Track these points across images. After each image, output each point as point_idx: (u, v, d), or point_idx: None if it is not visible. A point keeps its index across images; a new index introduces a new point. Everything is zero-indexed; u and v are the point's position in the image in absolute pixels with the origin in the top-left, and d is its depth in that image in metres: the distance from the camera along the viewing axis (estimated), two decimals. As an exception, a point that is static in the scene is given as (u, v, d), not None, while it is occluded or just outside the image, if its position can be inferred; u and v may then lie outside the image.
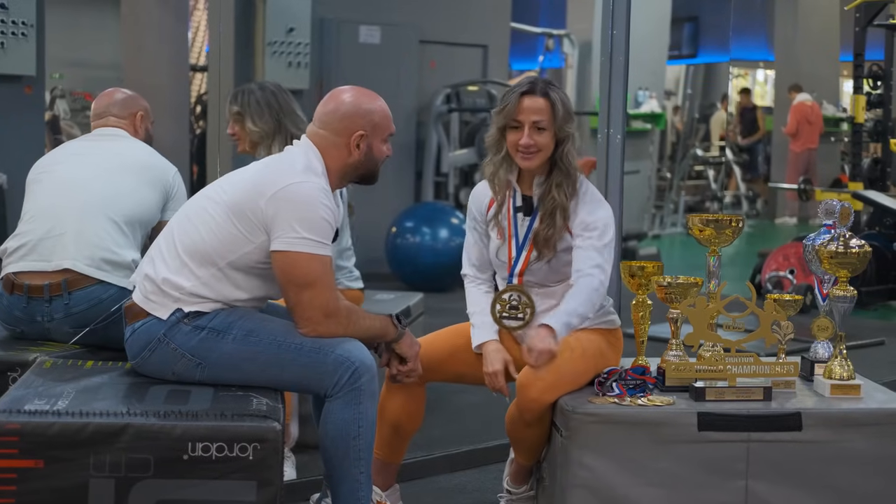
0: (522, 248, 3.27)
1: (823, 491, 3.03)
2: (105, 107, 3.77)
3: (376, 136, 3.06)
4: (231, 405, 2.74)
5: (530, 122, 3.18)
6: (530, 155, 3.20)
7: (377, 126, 3.05)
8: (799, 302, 3.36)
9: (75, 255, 3.41)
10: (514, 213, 3.29)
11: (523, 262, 3.26)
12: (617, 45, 4.50)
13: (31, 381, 2.89)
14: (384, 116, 3.07)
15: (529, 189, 3.29)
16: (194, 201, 3.10)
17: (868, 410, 3.10)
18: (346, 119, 3.02)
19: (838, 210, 3.30)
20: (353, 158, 3.04)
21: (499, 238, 3.30)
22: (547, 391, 3.09)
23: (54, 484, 2.57)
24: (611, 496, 3.00)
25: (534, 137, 3.18)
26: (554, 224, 3.20)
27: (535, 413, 3.11)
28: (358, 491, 2.95)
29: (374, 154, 3.07)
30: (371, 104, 3.06)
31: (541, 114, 3.18)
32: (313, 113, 3.12)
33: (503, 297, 3.27)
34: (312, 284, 2.89)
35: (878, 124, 8.31)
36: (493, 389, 3.23)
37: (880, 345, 6.63)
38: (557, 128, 3.20)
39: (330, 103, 3.07)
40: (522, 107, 3.20)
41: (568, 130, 3.22)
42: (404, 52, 8.83)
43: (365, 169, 3.09)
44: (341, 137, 3.02)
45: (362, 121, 3.03)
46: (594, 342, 3.27)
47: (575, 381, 3.16)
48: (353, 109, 3.03)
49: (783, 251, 7.66)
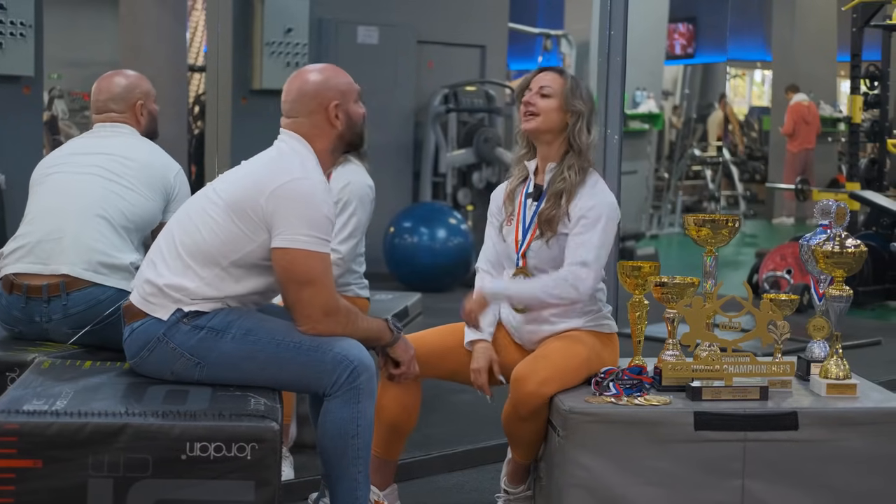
0: (528, 230, 3.31)
1: (820, 490, 3.04)
2: (104, 101, 3.73)
3: (348, 100, 3.09)
4: (229, 405, 2.75)
5: (538, 87, 3.33)
6: (530, 115, 3.31)
7: (345, 92, 3.09)
8: (795, 301, 3.37)
9: (73, 260, 3.41)
10: (525, 199, 3.36)
11: (527, 244, 3.30)
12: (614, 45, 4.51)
13: (30, 382, 2.90)
14: (346, 81, 3.12)
15: (542, 178, 3.36)
16: (193, 202, 3.10)
17: (864, 410, 3.11)
18: (316, 97, 3.05)
19: (834, 210, 3.31)
20: (337, 130, 3.07)
21: (508, 224, 3.36)
22: (543, 385, 3.11)
23: (53, 484, 2.57)
24: (608, 496, 3.01)
25: (536, 99, 3.30)
26: (558, 205, 3.27)
27: (530, 407, 3.13)
28: (356, 490, 2.95)
29: (352, 118, 3.10)
30: (330, 74, 3.10)
31: (549, 82, 3.33)
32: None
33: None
34: (312, 282, 2.89)
35: (874, 125, 8.32)
36: (475, 386, 3.29)
37: (876, 344, 6.65)
38: (566, 100, 3.30)
39: (291, 91, 3.09)
40: (536, 78, 3.37)
41: (578, 106, 3.31)
42: (402, 53, 8.84)
43: (350, 135, 3.11)
44: (319, 115, 3.04)
45: (330, 92, 3.06)
46: (590, 342, 3.29)
47: (571, 376, 3.18)
48: (315, 86, 3.06)
49: (780, 251, 7.67)
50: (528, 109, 3.31)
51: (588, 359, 3.24)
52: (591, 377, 3.21)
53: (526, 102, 3.32)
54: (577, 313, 3.30)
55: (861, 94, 8.13)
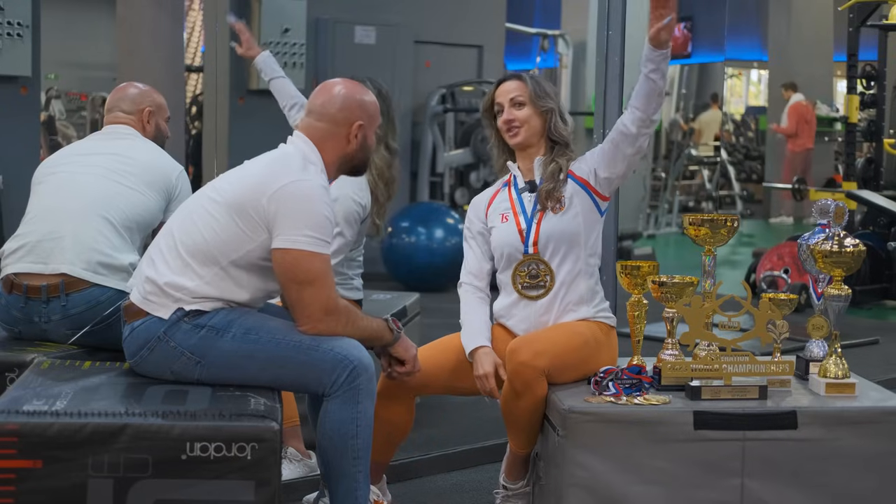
0: (532, 219, 3.33)
1: (818, 489, 3.05)
2: (115, 102, 3.78)
3: (371, 127, 3.12)
4: (229, 405, 2.75)
5: (507, 99, 3.39)
6: (514, 129, 3.39)
7: (372, 117, 3.12)
8: (794, 301, 3.37)
9: (72, 259, 3.41)
10: (517, 194, 3.39)
11: (535, 231, 3.31)
12: (612, 46, 4.50)
13: (30, 382, 2.90)
14: (376, 108, 3.16)
15: (531, 173, 3.40)
16: (193, 201, 3.10)
17: (863, 409, 3.11)
18: (345, 110, 3.06)
19: (833, 210, 3.31)
20: (350, 149, 3.08)
21: (503, 221, 3.36)
22: (537, 357, 3.09)
23: (53, 484, 2.57)
24: (607, 495, 3.01)
25: (513, 113, 3.37)
26: (556, 180, 3.34)
27: (524, 379, 3.09)
28: (356, 490, 2.95)
29: (367, 144, 3.12)
30: (365, 95, 3.13)
31: (516, 90, 3.39)
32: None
33: (521, 268, 3.33)
34: (313, 282, 2.90)
35: (871, 124, 8.34)
36: (484, 392, 3.26)
37: (874, 343, 6.66)
38: (536, 101, 3.37)
39: (324, 95, 3.10)
40: (499, 91, 3.43)
41: (548, 104, 3.39)
42: (399, 53, 8.85)
43: (358, 160, 3.13)
44: (341, 128, 3.06)
45: (360, 111, 3.08)
46: (591, 328, 3.30)
47: (567, 354, 3.18)
48: (350, 100, 3.08)
49: (778, 251, 7.68)
50: (511, 125, 3.37)
51: (587, 341, 3.25)
52: (587, 366, 3.21)
53: (507, 120, 3.37)
54: (585, 303, 3.32)
55: (857, 93, 8.14)
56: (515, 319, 3.37)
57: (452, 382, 3.36)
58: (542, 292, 3.32)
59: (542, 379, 3.12)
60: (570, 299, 3.32)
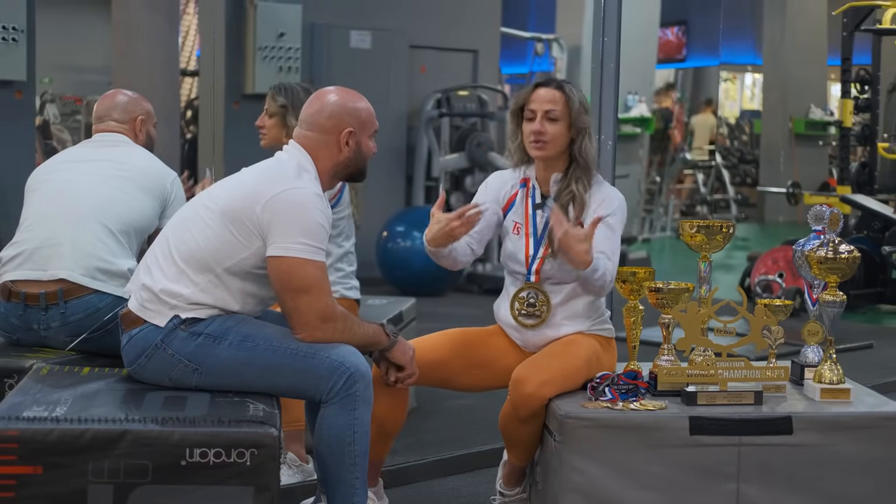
0: (540, 244, 3.31)
1: (814, 494, 3.06)
2: (106, 110, 3.78)
3: (364, 133, 3.12)
4: (228, 411, 2.76)
5: (542, 110, 3.27)
6: (541, 144, 3.27)
7: (364, 123, 3.11)
8: (789, 307, 3.38)
9: (71, 266, 3.42)
10: (532, 209, 3.34)
11: (540, 262, 3.30)
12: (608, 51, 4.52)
13: (29, 388, 2.90)
14: (369, 113, 3.14)
15: (547, 187, 3.35)
16: (188, 208, 3.12)
17: (858, 414, 3.13)
18: (333, 117, 3.07)
19: (828, 216, 3.33)
20: (343, 156, 3.09)
21: (515, 232, 3.34)
22: (542, 387, 3.12)
23: (53, 490, 2.58)
24: (604, 500, 3.02)
25: (545, 126, 3.26)
26: (565, 211, 3.24)
27: (530, 409, 3.13)
28: (353, 496, 2.96)
29: (362, 150, 3.13)
30: (356, 102, 3.12)
31: (554, 104, 3.27)
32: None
33: (520, 295, 3.32)
34: (308, 290, 2.91)
35: (865, 128, 8.35)
36: (457, 218, 3.14)
37: (869, 348, 6.67)
38: (573, 119, 3.27)
39: (315, 104, 3.11)
40: (535, 96, 3.30)
41: (584, 124, 3.29)
42: (395, 57, 8.86)
43: (354, 166, 3.14)
44: (331, 136, 3.07)
45: (349, 118, 3.08)
46: (591, 345, 3.30)
47: (570, 379, 3.20)
48: (339, 108, 3.09)
49: (772, 255, 7.70)
50: (539, 138, 3.26)
51: (588, 362, 3.26)
52: (589, 381, 3.22)
53: (536, 132, 3.26)
54: (582, 318, 3.32)
55: (852, 97, 8.16)
56: (512, 330, 3.38)
57: (447, 376, 3.36)
58: (536, 322, 3.31)
59: (545, 404, 3.15)
60: (566, 314, 3.32)
